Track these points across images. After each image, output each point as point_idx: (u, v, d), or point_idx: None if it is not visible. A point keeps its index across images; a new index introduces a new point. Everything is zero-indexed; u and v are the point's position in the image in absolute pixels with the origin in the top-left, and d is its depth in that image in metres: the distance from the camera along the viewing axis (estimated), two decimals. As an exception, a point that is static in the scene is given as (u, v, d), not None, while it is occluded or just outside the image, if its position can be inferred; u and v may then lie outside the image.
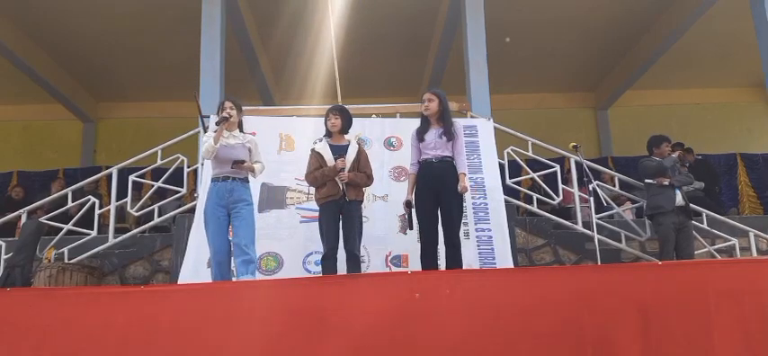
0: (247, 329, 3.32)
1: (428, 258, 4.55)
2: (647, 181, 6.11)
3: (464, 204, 4.81)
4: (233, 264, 4.59)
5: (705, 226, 6.35)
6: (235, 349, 3.27)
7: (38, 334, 3.35)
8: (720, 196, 8.75)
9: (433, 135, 4.66)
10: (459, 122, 5.19)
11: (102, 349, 3.30)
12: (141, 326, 3.37)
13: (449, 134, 4.65)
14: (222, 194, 4.53)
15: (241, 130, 4.82)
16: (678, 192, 5.86)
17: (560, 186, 6.45)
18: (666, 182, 5.89)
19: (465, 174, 4.72)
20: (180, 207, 6.59)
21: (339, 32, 6.65)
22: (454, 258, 4.52)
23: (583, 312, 3.39)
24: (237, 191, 4.57)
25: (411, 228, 4.74)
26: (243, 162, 4.60)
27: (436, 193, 4.58)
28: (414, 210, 4.69)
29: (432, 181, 4.59)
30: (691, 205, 6.01)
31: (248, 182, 4.72)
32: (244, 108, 4.86)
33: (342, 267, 4.55)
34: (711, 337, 3.33)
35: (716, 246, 6.33)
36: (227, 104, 4.71)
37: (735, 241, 6.27)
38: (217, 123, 4.63)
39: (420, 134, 4.72)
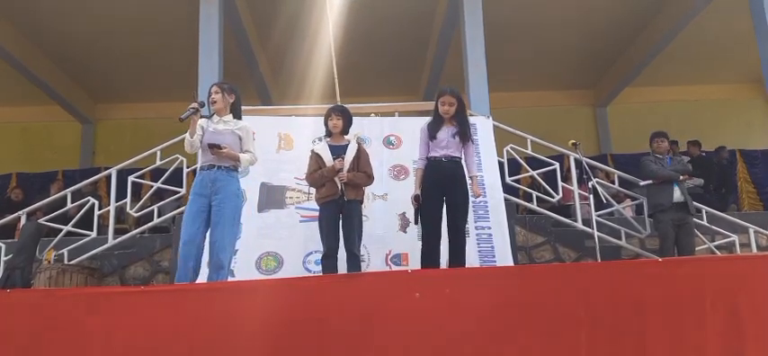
0: (248, 329, 3.32)
1: (430, 257, 4.54)
2: (642, 184, 6.22)
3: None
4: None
5: (705, 222, 6.35)
6: (235, 349, 3.27)
7: (42, 336, 3.35)
8: (715, 194, 8.74)
9: (446, 133, 4.62)
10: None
11: (106, 350, 3.30)
12: (143, 327, 3.36)
13: (464, 136, 4.63)
14: (204, 183, 4.14)
15: (237, 116, 4.40)
16: (676, 188, 5.86)
17: (560, 184, 6.45)
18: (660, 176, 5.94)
19: (477, 178, 4.75)
20: (179, 207, 6.57)
21: (337, 31, 6.65)
22: (458, 252, 4.51)
23: (583, 310, 3.39)
24: (221, 181, 4.14)
25: (417, 223, 4.68)
26: (218, 146, 4.09)
27: (444, 193, 4.57)
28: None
29: (441, 180, 4.57)
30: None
31: (235, 171, 4.28)
32: (242, 107, 4.66)
33: (342, 266, 4.54)
34: (708, 334, 3.34)
35: (716, 243, 6.33)
36: (213, 89, 4.36)
37: (735, 237, 6.28)
38: (181, 118, 4.14)
39: (432, 131, 4.65)
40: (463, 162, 4.70)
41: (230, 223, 4.14)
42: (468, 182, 4.72)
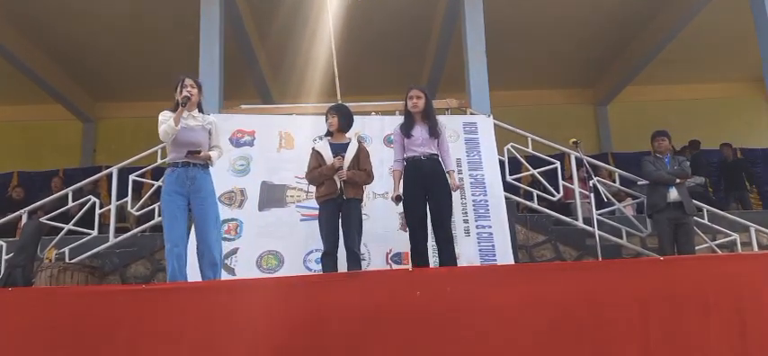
0: (249, 327, 3.32)
1: (420, 255, 4.55)
2: (639, 183, 6.24)
3: (463, 200, 4.81)
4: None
5: (706, 221, 6.35)
6: (236, 347, 3.28)
7: (42, 334, 3.36)
8: (712, 194, 8.74)
9: (420, 132, 4.65)
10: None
11: (108, 348, 3.31)
12: (145, 326, 3.37)
13: (435, 132, 4.65)
14: (182, 181, 4.16)
15: (201, 111, 4.48)
16: (672, 189, 5.86)
17: (560, 182, 6.44)
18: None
19: (454, 172, 4.74)
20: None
21: (337, 30, 6.63)
22: (448, 254, 4.52)
23: (583, 308, 3.39)
24: (200, 179, 4.22)
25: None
26: (198, 152, 4.22)
27: (426, 191, 4.58)
28: (401, 205, 4.68)
29: (422, 178, 4.58)
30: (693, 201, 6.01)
31: (209, 168, 4.38)
32: (243, 106, 4.74)
33: (342, 265, 4.55)
34: (709, 332, 3.34)
35: (717, 242, 6.33)
36: (188, 82, 4.37)
37: (736, 236, 6.27)
38: (182, 103, 4.23)
39: (405, 130, 4.68)
40: (440, 158, 4.70)
41: (215, 220, 4.29)
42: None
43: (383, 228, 5.56)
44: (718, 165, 9.44)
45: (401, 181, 4.68)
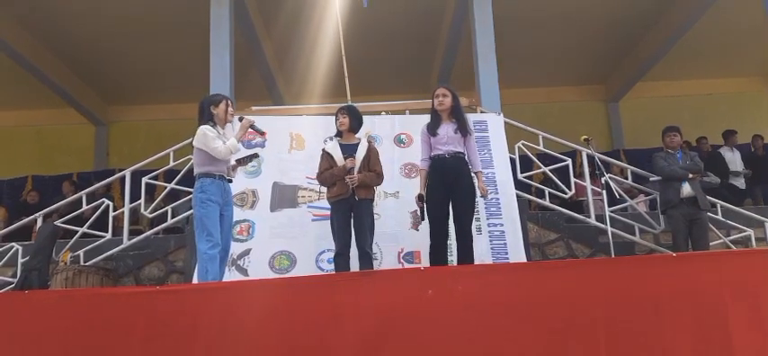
0: (262, 327, 3.34)
1: (438, 254, 4.55)
2: (652, 180, 6.19)
3: (476, 199, 4.81)
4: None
5: (720, 216, 6.29)
6: (250, 347, 3.30)
7: (59, 336, 3.40)
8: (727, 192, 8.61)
9: (445, 130, 4.64)
10: (470, 118, 5.17)
11: (123, 349, 3.34)
12: (161, 326, 3.39)
13: (464, 130, 4.65)
14: (221, 192, 4.45)
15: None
16: (686, 184, 5.81)
17: (572, 180, 6.41)
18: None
19: (482, 174, 4.73)
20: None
21: (347, 30, 6.64)
22: (467, 251, 4.52)
23: (597, 306, 3.37)
24: (230, 193, 4.58)
25: (423, 219, 4.71)
26: (248, 159, 4.70)
27: (449, 189, 4.58)
28: (425, 205, 4.68)
29: (445, 176, 4.58)
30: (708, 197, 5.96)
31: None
32: (254, 107, 4.84)
33: (354, 265, 4.56)
34: (726, 329, 3.31)
35: (731, 237, 6.27)
36: (230, 102, 4.68)
37: (750, 232, 6.21)
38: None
39: (432, 129, 4.68)
40: (467, 158, 4.69)
41: (231, 228, 4.66)
42: (474, 178, 4.70)
43: (395, 228, 5.57)
44: (747, 158, 9.30)
45: (426, 180, 4.67)
